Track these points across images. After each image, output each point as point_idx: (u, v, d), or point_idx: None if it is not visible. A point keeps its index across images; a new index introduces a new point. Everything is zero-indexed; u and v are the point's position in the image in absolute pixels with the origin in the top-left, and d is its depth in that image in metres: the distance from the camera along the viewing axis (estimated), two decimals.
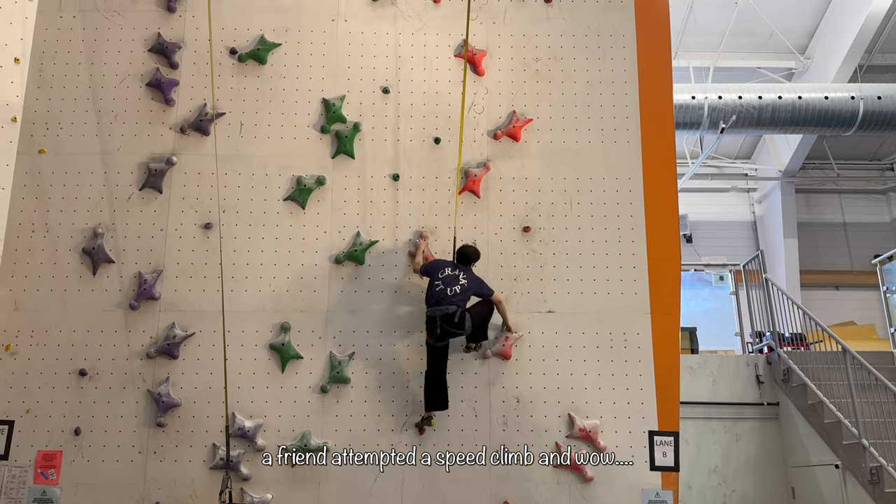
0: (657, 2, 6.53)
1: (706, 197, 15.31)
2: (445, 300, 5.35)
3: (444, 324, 5.31)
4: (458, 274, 5.48)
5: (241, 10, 6.35)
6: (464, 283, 5.44)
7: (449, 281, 5.43)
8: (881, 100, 11.44)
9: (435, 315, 5.34)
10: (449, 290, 5.38)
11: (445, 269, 5.50)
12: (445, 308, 5.33)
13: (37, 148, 6.06)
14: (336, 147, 6.15)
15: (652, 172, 6.18)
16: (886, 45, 13.29)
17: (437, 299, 5.38)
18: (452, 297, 5.36)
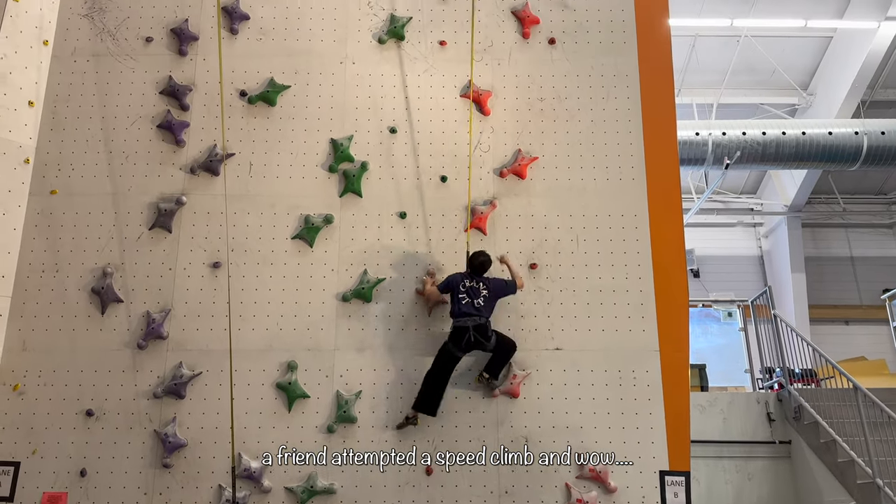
0: (659, 42, 6.63)
1: (713, 232, 15.33)
2: (474, 312, 5.43)
3: (477, 333, 5.39)
4: (478, 285, 5.55)
5: (251, 53, 6.48)
6: (485, 294, 5.53)
7: (473, 293, 5.51)
8: (885, 135, 11.52)
9: (467, 325, 5.40)
10: (475, 303, 5.46)
11: (465, 282, 5.56)
12: (478, 318, 5.41)
13: (49, 189, 6.14)
14: (344, 186, 6.21)
15: (658, 209, 6.21)
16: (889, 80, 13.43)
17: (466, 312, 5.44)
18: (479, 308, 5.45)
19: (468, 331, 5.39)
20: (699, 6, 12.71)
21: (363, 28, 6.57)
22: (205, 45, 6.48)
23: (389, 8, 6.63)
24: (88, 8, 6.56)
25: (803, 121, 12.28)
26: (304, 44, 6.52)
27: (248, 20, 6.54)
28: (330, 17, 6.58)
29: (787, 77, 13.56)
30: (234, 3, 6.52)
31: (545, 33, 6.62)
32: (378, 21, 6.59)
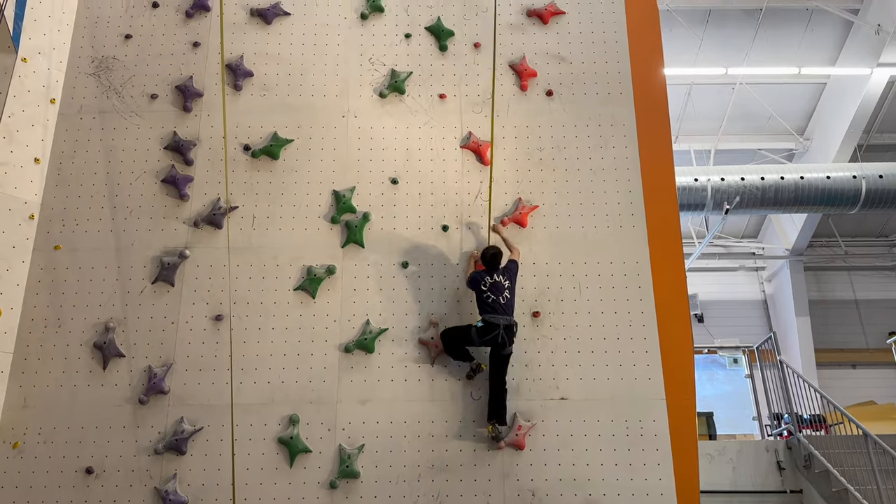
0: (655, 91, 6.74)
1: (715, 276, 15.35)
2: (501, 310, 5.53)
3: (506, 333, 5.49)
4: (499, 280, 5.64)
5: (254, 109, 6.59)
6: (508, 286, 5.63)
7: (497, 289, 5.59)
8: (883, 178, 11.61)
9: (500, 324, 5.48)
10: (501, 299, 5.56)
11: (486, 279, 5.64)
12: (508, 319, 5.53)
13: (53, 244, 6.17)
14: (346, 237, 6.24)
15: (659, 255, 6.23)
16: (884, 125, 13.61)
17: (494, 309, 5.53)
18: (506, 305, 5.57)
19: (499, 329, 5.47)
20: (694, 55, 12.98)
21: (364, 83, 6.70)
22: (209, 102, 6.60)
23: (390, 63, 6.77)
24: (95, 67, 6.70)
25: (801, 165, 12.40)
26: (306, 99, 6.64)
27: (251, 77, 6.67)
28: (332, 72, 6.72)
29: (784, 123, 13.74)
30: (238, 61, 6.67)
31: (542, 85, 6.74)
32: (379, 76, 6.73)
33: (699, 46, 12.88)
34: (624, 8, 6.97)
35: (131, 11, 6.89)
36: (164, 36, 6.81)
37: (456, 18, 6.92)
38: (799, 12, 12.65)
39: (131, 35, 6.80)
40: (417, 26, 6.90)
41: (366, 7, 6.90)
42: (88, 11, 6.89)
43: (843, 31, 12.82)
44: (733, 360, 12.01)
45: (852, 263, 15.16)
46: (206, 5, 6.87)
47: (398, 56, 6.81)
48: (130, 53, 6.76)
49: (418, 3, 6.97)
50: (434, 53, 6.83)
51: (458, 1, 6.98)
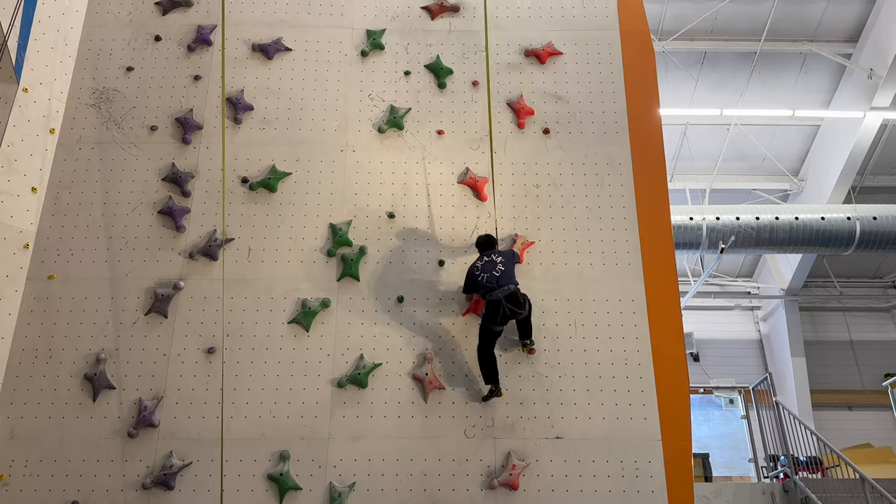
0: (651, 131, 6.81)
1: (711, 315, 15.34)
2: (496, 283, 5.59)
3: (510, 303, 5.56)
4: (491, 258, 5.74)
5: (254, 142, 6.63)
6: (502, 261, 5.71)
7: (489, 266, 5.69)
8: (877, 220, 11.67)
9: (499, 298, 5.55)
10: (495, 272, 5.63)
11: (477, 264, 5.77)
12: (507, 288, 5.57)
13: (46, 274, 6.14)
14: (341, 270, 6.23)
15: (655, 293, 6.22)
16: (877, 167, 13.75)
17: (490, 287, 5.60)
18: (502, 277, 5.61)
19: (501, 304, 5.55)
20: (689, 96, 13.15)
21: (364, 118, 6.76)
22: (208, 134, 6.64)
23: (389, 100, 6.84)
24: (96, 98, 6.75)
25: (796, 206, 12.48)
26: (305, 133, 6.69)
27: (251, 110, 6.73)
28: (332, 107, 6.78)
29: (778, 164, 13.87)
30: (238, 95, 6.73)
31: (539, 123, 6.80)
32: (378, 112, 6.79)
33: (694, 87, 13.06)
34: (620, 49, 7.07)
35: (134, 44, 6.97)
36: (166, 69, 6.88)
37: (455, 57, 7.02)
38: (793, 56, 12.87)
39: (133, 67, 6.87)
40: (417, 64, 6.98)
41: (366, 45, 7.00)
42: (91, 44, 6.96)
43: (837, 74, 13.03)
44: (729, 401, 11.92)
45: (847, 304, 15.18)
46: (208, 40, 6.96)
47: (397, 93, 6.88)
48: (131, 85, 6.82)
49: (418, 41, 7.07)
50: (433, 91, 6.91)
51: (457, 40, 7.08)
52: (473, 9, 7.21)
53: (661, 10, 12.33)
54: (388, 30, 7.08)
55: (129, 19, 7.08)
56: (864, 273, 15.33)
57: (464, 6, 7.20)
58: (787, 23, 12.52)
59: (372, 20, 7.12)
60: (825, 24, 12.59)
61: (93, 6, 7.11)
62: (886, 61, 11.68)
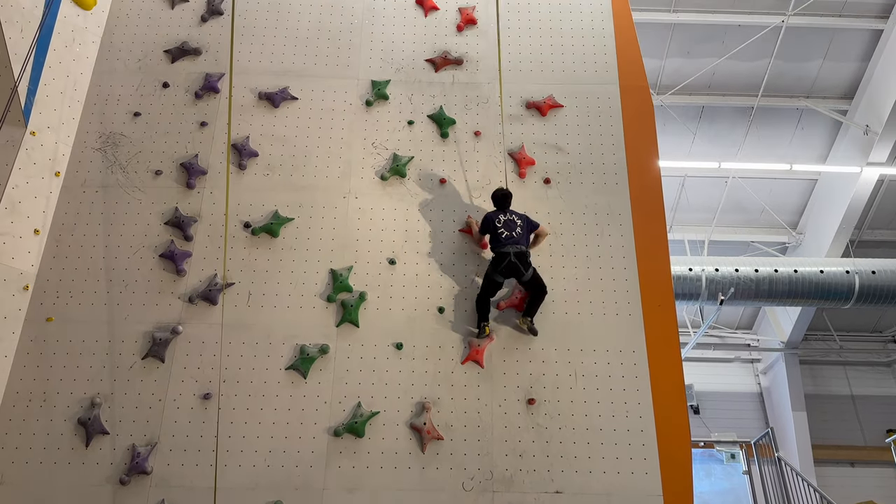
0: (650, 182, 6.86)
1: (711, 367, 15.24)
2: (513, 241, 5.97)
3: (517, 259, 5.91)
4: (511, 217, 6.11)
5: (257, 187, 6.69)
6: (520, 222, 6.09)
7: (509, 225, 6.05)
8: (876, 274, 11.71)
9: (509, 251, 5.93)
10: (514, 233, 6.00)
11: (499, 217, 6.11)
12: (519, 247, 5.94)
13: (45, 316, 6.12)
14: (341, 316, 6.21)
15: (655, 345, 6.18)
16: (875, 222, 13.85)
17: (506, 242, 5.97)
18: (519, 238, 6.00)
19: (509, 256, 5.91)
20: (687, 148, 13.33)
21: (367, 165, 6.83)
22: (213, 179, 6.70)
23: (392, 148, 6.92)
24: (102, 142, 6.83)
25: (795, 259, 12.53)
26: (309, 179, 6.75)
27: (256, 157, 6.80)
28: (336, 155, 6.86)
29: (776, 217, 13.97)
30: (244, 141, 6.81)
31: (540, 173, 6.87)
32: (381, 160, 6.87)
33: (693, 140, 13.24)
34: (620, 103, 7.19)
35: (142, 90, 7.09)
36: (173, 115, 6.98)
37: (457, 108, 7.13)
38: (790, 111, 13.09)
39: (140, 113, 6.97)
40: (420, 114, 7.10)
41: (371, 95, 7.12)
42: (100, 89, 7.08)
43: (833, 129, 13.23)
44: (731, 456, 11.72)
45: (847, 358, 15.08)
46: (215, 87, 7.08)
47: (400, 141, 6.97)
48: (138, 130, 6.91)
49: (421, 92, 7.20)
50: (435, 140, 7.00)
51: (460, 92, 7.21)
52: (476, 62, 7.36)
53: (660, 65, 12.60)
54: (393, 81, 7.22)
55: (139, 66, 7.21)
56: (863, 327, 15.28)
57: (466, 59, 7.35)
58: (784, 79, 12.78)
59: (377, 71, 7.27)
60: (821, 81, 12.85)
61: (103, 53, 7.25)
62: (882, 118, 11.88)
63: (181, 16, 7.48)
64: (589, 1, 7.65)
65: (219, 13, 7.46)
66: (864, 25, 12.19)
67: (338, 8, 7.54)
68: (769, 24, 12.01)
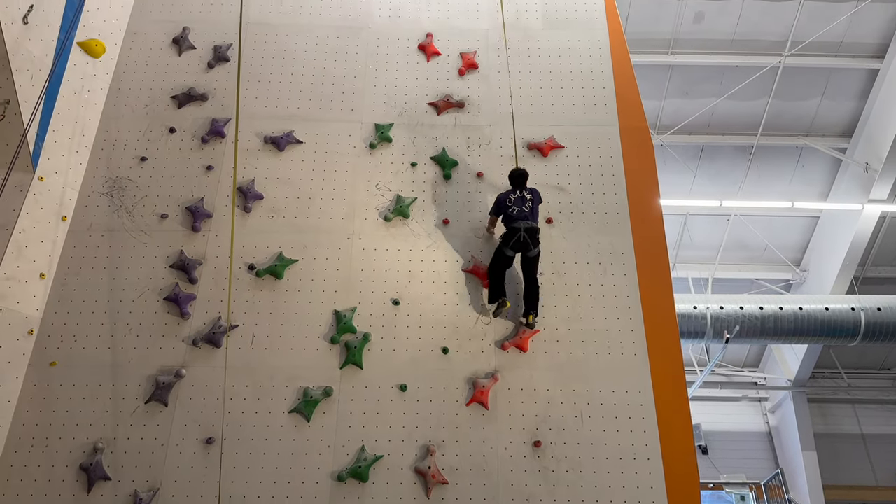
0: (652, 221, 6.89)
1: (718, 406, 15.07)
2: (523, 216, 6.20)
3: (527, 234, 6.13)
4: (523, 194, 6.30)
5: (262, 230, 6.73)
6: (529, 197, 6.30)
7: (519, 202, 6.26)
8: (881, 311, 11.66)
9: (520, 227, 6.15)
10: (525, 209, 6.23)
11: (510, 196, 6.31)
12: (530, 223, 6.18)
13: (49, 360, 6.11)
14: (345, 357, 6.19)
15: (662, 384, 6.14)
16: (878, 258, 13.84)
17: (517, 218, 6.20)
18: (530, 213, 6.24)
19: (520, 231, 6.13)
20: (688, 187, 13.42)
21: (370, 207, 6.89)
22: (218, 222, 6.75)
23: (396, 189, 6.99)
24: (109, 186, 6.90)
25: (799, 296, 12.49)
26: (313, 221, 6.80)
27: (261, 199, 6.87)
28: (340, 196, 6.92)
29: (779, 254, 13.97)
30: (249, 184, 6.89)
31: (543, 213, 6.88)
32: (385, 201, 6.92)
33: (693, 179, 13.34)
34: (620, 143, 7.27)
35: (149, 135, 7.19)
36: (179, 159, 7.07)
37: (460, 149, 7.22)
38: (789, 149, 13.21)
39: (147, 157, 7.06)
40: (423, 156, 7.18)
41: (375, 138, 7.22)
42: (107, 134, 7.18)
43: (833, 167, 13.32)
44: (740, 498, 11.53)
45: (856, 396, 14.92)
46: (221, 132, 7.19)
47: (404, 183, 7.04)
48: (144, 175, 6.99)
49: (424, 134, 7.30)
50: (438, 181, 7.07)
51: (462, 134, 7.31)
52: (478, 105, 7.47)
53: (659, 105, 12.77)
54: (396, 124, 7.32)
55: (146, 112, 7.33)
56: (871, 364, 15.15)
57: (468, 102, 7.46)
58: (783, 118, 12.92)
59: (381, 115, 7.38)
60: (820, 120, 12.99)
61: (111, 99, 7.38)
62: (881, 155, 11.97)
63: (188, 63, 7.63)
64: (588, 45, 7.81)
65: (225, 60, 7.62)
66: (861, 65, 12.38)
67: (342, 54, 7.70)
68: (767, 65, 12.19)
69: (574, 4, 8.06)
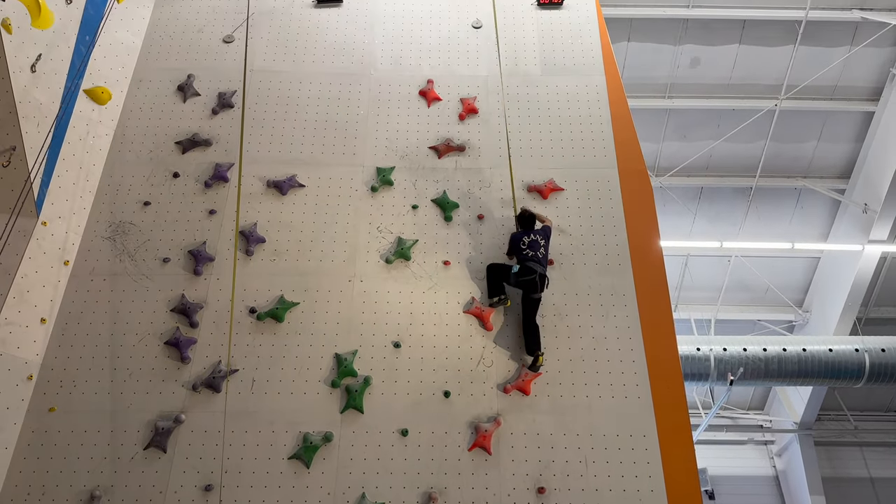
0: (653, 263, 6.91)
1: (724, 450, 14.85)
2: (538, 262, 6.36)
3: (540, 281, 6.31)
4: (536, 237, 6.47)
5: (263, 273, 6.75)
6: (542, 241, 6.46)
7: (534, 246, 6.42)
8: (886, 352, 11.57)
9: (536, 271, 6.30)
10: (539, 254, 6.39)
11: (524, 238, 6.48)
12: (543, 268, 6.37)
13: (48, 406, 6.05)
14: (345, 402, 6.13)
15: (666, 428, 6.07)
16: (881, 299, 13.80)
17: (534, 260, 6.34)
18: (542, 258, 6.39)
19: (535, 275, 6.30)
20: (688, 228, 13.46)
21: (372, 249, 6.91)
22: (220, 266, 6.77)
23: (397, 231, 7.02)
24: (112, 231, 6.94)
25: (803, 337, 12.41)
26: (314, 264, 6.82)
27: (263, 243, 6.90)
28: (341, 239, 6.95)
29: (781, 295, 13.94)
30: (251, 228, 6.92)
31: None
32: (386, 243, 6.95)
33: (693, 220, 13.40)
34: (619, 185, 7.33)
35: (152, 180, 7.26)
36: (182, 204, 7.13)
37: (461, 192, 7.28)
38: (788, 190, 13.29)
39: (150, 202, 7.11)
40: (424, 198, 7.23)
41: (376, 181, 7.29)
42: (111, 179, 7.25)
43: (833, 207, 13.39)
44: None
45: (863, 439, 14.70)
46: (224, 176, 7.26)
47: (405, 225, 7.08)
48: (147, 219, 7.03)
49: (425, 177, 7.37)
50: (439, 223, 7.11)
51: (463, 177, 7.38)
52: (478, 148, 7.56)
53: (657, 148, 12.91)
54: (398, 167, 7.40)
55: (150, 157, 7.42)
56: (877, 406, 14.97)
57: (469, 146, 7.55)
58: (781, 160, 13.04)
59: (382, 158, 7.46)
60: (817, 161, 13.11)
61: (115, 145, 7.47)
62: (880, 196, 12.04)
63: (193, 109, 7.75)
64: (586, 90, 7.94)
65: (229, 106, 7.74)
66: (856, 108, 12.55)
67: (344, 100, 7.83)
68: (762, 108, 12.36)
69: (572, 52, 8.22)
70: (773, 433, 14.95)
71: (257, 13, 8.38)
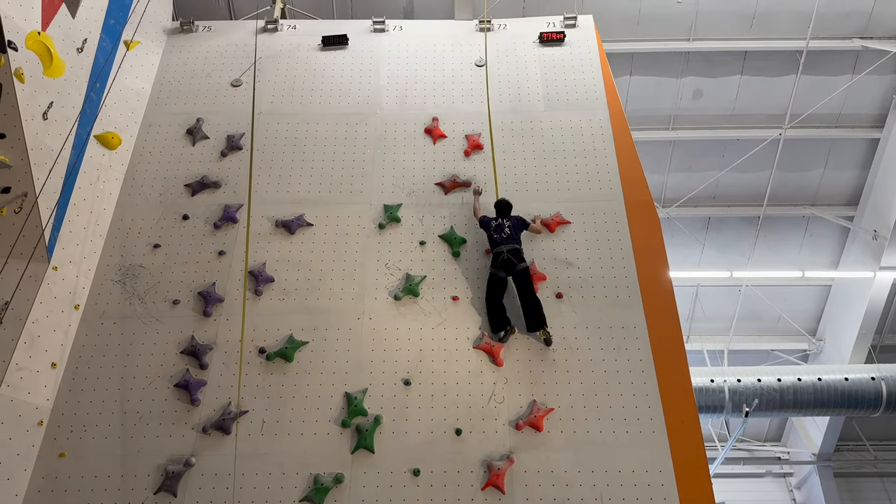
0: (663, 294, 6.87)
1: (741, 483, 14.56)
2: (504, 241, 6.74)
3: (510, 255, 6.63)
4: (502, 221, 6.87)
5: (273, 312, 6.75)
6: (508, 223, 6.86)
7: (500, 228, 6.84)
8: None
9: (502, 250, 6.69)
10: (504, 234, 6.79)
11: (492, 223, 6.92)
12: (510, 244, 6.69)
13: (58, 452, 6.02)
14: (356, 442, 6.07)
15: (682, 461, 5.97)
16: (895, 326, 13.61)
17: (498, 242, 6.76)
18: (507, 238, 6.76)
19: (503, 253, 6.66)
20: (697, 259, 13.41)
21: (380, 286, 6.92)
22: (229, 306, 6.78)
23: (405, 268, 7.03)
24: (122, 274, 6.98)
25: (817, 367, 12.25)
26: (323, 302, 6.82)
27: (272, 282, 6.91)
28: (350, 277, 6.97)
29: (794, 324, 13.80)
30: (260, 268, 6.95)
31: (552, 288, 6.91)
32: (394, 280, 6.96)
33: (702, 250, 13.35)
34: (626, 218, 7.33)
35: (162, 223, 7.32)
36: (192, 245, 7.17)
37: (468, 227, 7.30)
38: (796, 218, 13.25)
39: (160, 244, 7.17)
40: (432, 234, 7.26)
41: (384, 218, 7.33)
42: (121, 223, 7.32)
43: (842, 234, 13.32)
44: None
45: (884, 469, 14.39)
46: (233, 217, 7.31)
47: (413, 261, 7.09)
48: (157, 262, 7.08)
49: (433, 213, 7.40)
50: (447, 259, 7.12)
51: (470, 212, 7.41)
52: (484, 183, 7.60)
53: (663, 180, 12.93)
54: (405, 204, 7.44)
55: (160, 200, 7.50)
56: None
57: (475, 181, 7.60)
58: (787, 188, 13.03)
59: (389, 196, 7.51)
60: (824, 189, 13.08)
61: (125, 188, 7.56)
62: (889, 223, 11.98)
63: (202, 152, 7.85)
64: (590, 124, 8.00)
65: (238, 148, 7.84)
66: (861, 135, 12.56)
67: (351, 139, 7.92)
68: (767, 137, 12.40)
69: (574, 87, 8.31)
70: (792, 465, 14.67)
71: (264, 57, 8.54)
